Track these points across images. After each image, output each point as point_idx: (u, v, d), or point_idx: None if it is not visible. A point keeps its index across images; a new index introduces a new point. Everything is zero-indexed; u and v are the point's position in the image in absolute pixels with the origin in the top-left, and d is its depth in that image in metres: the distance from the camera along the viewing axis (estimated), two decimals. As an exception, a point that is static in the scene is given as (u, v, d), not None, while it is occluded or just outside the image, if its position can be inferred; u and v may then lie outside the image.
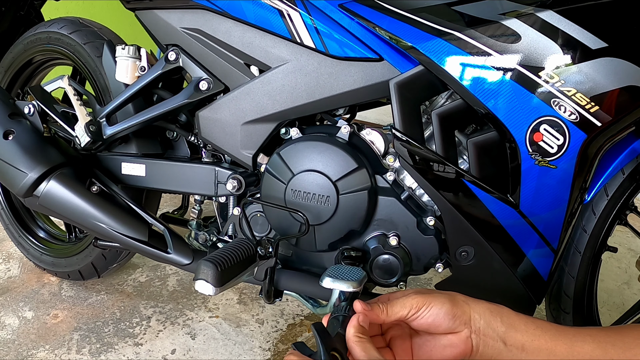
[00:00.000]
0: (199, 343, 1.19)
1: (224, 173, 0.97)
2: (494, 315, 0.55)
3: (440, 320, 0.55)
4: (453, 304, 0.56)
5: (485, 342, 0.55)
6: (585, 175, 0.78)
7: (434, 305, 0.55)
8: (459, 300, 0.56)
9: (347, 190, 0.85)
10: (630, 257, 1.74)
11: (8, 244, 1.58)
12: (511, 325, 0.55)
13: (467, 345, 0.55)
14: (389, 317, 0.57)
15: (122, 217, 1.00)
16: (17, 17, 1.45)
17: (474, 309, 0.56)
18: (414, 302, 0.56)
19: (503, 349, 0.54)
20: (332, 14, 0.82)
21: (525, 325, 0.55)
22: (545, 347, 0.53)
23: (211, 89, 0.94)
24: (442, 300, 0.56)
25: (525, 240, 0.82)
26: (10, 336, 1.18)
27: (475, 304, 0.56)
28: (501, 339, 0.54)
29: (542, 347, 0.53)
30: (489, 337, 0.55)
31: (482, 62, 0.73)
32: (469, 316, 0.55)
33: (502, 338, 0.54)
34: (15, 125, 1.04)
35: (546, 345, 0.53)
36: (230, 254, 0.78)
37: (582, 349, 0.52)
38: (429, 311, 0.55)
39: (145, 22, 1.01)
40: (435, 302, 0.56)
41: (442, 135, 0.80)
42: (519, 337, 0.54)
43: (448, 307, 0.55)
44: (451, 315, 0.55)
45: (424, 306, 0.56)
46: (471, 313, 0.56)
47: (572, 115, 0.71)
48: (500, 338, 0.54)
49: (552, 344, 0.53)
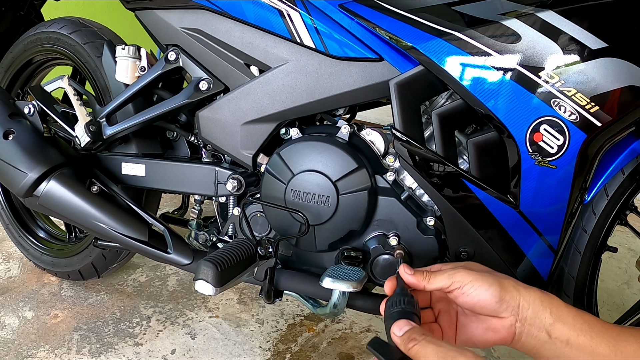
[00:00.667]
0: (199, 343, 1.19)
1: (224, 173, 0.97)
2: (544, 306, 0.53)
3: (486, 302, 0.54)
4: (502, 288, 0.54)
5: (529, 331, 0.53)
6: (585, 175, 0.78)
7: (480, 286, 0.54)
8: (509, 285, 0.54)
9: (347, 190, 0.85)
10: (630, 257, 1.74)
11: (8, 244, 1.58)
12: (559, 318, 0.53)
13: (509, 333, 0.54)
14: (430, 285, 0.56)
15: (122, 217, 1.00)
16: (17, 17, 1.45)
17: (523, 296, 0.54)
18: (459, 277, 0.55)
19: (547, 341, 0.53)
20: (332, 14, 0.82)
21: (574, 319, 0.53)
22: (590, 344, 0.52)
23: (211, 89, 0.94)
24: (490, 281, 0.54)
25: (525, 240, 0.82)
26: (10, 336, 1.18)
27: (526, 292, 0.54)
28: (546, 330, 0.53)
29: (586, 344, 0.52)
30: (534, 327, 0.53)
31: (482, 62, 0.73)
32: (518, 303, 0.54)
33: (547, 330, 0.53)
34: (15, 125, 1.04)
35: (590, 342, 0.52)
36: (230, 254, 0.78)
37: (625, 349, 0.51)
38: (474, 290, 0.54)
39: (145, 22, 1.01)
40: (482, 283, 0.54)
41: (442, 135, 0.80)
42: (565, 330, 0.52)
43: (495, 289, 0.53)
44: (497, 299, 0.53)
45: (469, 284, 0.54)
46: (520, 300, 0.54)
47: (572, 116, 0.71)
48: (546, 329, 0.53)
49: (596, 342, 0.52)
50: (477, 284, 0.54)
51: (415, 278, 0.57)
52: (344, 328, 1.27)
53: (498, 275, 0.56)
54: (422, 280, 0.56)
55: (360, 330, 1.27)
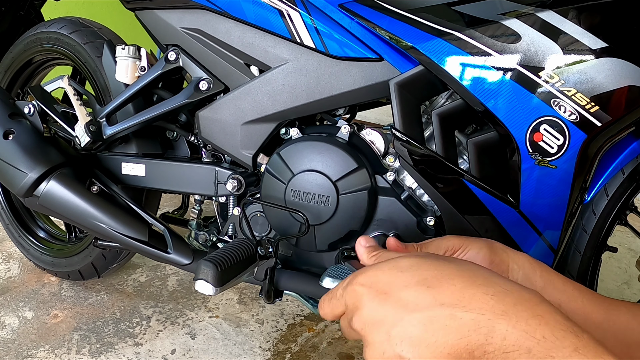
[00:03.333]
0: (199, 343, 1.19)
1: (224, 173, 0.97)
2: (533, 268, 0.53)
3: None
4: (491, 251, 0.53)
5: None
6: (585, 175, 0.78)
7: (470, 249, 0.53)
8: (498, 248, 0.54)
9: (347, 190, 0.85)
10: (630, 257, 1.74)
11: (8, 244, 1.58)
12: (550, 282, 0.52)
13: None
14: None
15: (122, 217, 1.00)
16: (17, 17, 1.45)
17: (512, 259, 0.53)
18: (449, 243, 0.54)
19: None
20: (332, 14, 0.82)
21: (564, 284, 0.52)
22: (582, 311, 0.51)
23: (211, 89, 0.94)
24: (479, 245, 0.54)
25: (525, 240, 0.82)
26: (10, 336, 1.18)
27: (515, 254, 0.54)
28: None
29: (578, 310, 0.51)
30: None
31: (482, 62, 0.73)
32: (507, 266, 0.53)
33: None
34: (15, 125, 1.04)
35: (583, 309, 0.51)
36: (230, 254, 0.78)
37: (618, 319, 0.50)
38: (464, 254, 0.53)
39: (145, 22, 1.01)
40: (472, 246, 0.53)
41: (442, 135, 0.80)
42: (556, 295, 0.51)
43: (485, 252, 0.53)
44: (488, 262, 0.53)
45: (460, 249, 0.54)
46: (510, 262, 0.53)
47: (572, 115, 0.71)
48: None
49: (588, 309, 0.51)
50: (467, 247, 0.54)
51: (407, 250, 0.56)
52: (344, 328, 1.27)
53: (487, 240, 0.56)
54: (414, 251, 0.56)
55: (360, 330, 1.27)
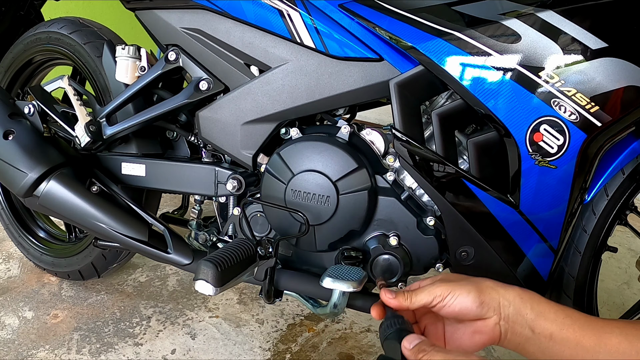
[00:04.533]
0: (199, 343, 1.19)
1: (224, 173, 0.97)
2: (524, 302, 0.55)
3: (468, 308, 0.55)
4: (480, 292, 0.55)
5: (513, 329, 0.55)
6: (585, 175, 0.78)
7: (459, 294, 0.55)
8: (487, 287, 0.56)
9: (347, 190, 0.85)
10: (630, 257, 1.74)
11: (8, 244, 1.58)
12: (541, 313, 0.54)
13: (495, 332, 0.55)
14: (413, 305, 0.57)
15: (122, 217, 1.00)
16: (17, 17, 1.44)
17: (502, 295, 0.55)
18: (438, 291, 0.56)
19: (531, 337, 0.54)
20: (332, 14, 0.82)
21: (555, 313, 0.54)
22: (573, 337, 0.53)
23: (211, 89, 0.94)
24: (468, 288, 0.56)
25: (525, 240, 0.82)
26: (10, 336, 1.18)
27: (505, 290, 0.56)
28: (529, 326, 0.54)
29: (570, 338, 0.53)
30: (517, 324, 0.54)
31: (482, 62, 0.73)
32: (498, 303, 0.55)
33: (530, 325, 0.54)
34: (15, 125, 1.04)
35: (574, 335, 0.53)
36: (230, 254, 0.78)
37: (610, 341, 0.52)
38: (455, 300, 0.55)
39: (145, 22, 1.01)
40: (461, 291, 0.56)
41: (442, 135, 0.80)
42: (547, 325, 0.54)
43: (475, 294, 0.55)
44: (478, 303, 0.55)
45: (449, 295, 0.56)
46: (500, 300, 0.55)
47: (572, 116, 0.71)
48: (529, 325, 0.54)
49: (580, 335, 0.53)
50: (457, 292, 0.56)
51: (398, 301, 0.58)
52: (344, 328, 1.27)
53: (475, 280, 0.58)
54: (405, 302, 0.58)
55: (360, 330, 1.27)
